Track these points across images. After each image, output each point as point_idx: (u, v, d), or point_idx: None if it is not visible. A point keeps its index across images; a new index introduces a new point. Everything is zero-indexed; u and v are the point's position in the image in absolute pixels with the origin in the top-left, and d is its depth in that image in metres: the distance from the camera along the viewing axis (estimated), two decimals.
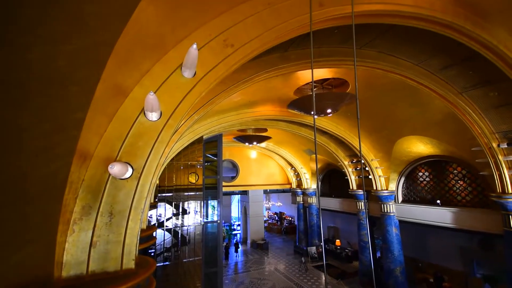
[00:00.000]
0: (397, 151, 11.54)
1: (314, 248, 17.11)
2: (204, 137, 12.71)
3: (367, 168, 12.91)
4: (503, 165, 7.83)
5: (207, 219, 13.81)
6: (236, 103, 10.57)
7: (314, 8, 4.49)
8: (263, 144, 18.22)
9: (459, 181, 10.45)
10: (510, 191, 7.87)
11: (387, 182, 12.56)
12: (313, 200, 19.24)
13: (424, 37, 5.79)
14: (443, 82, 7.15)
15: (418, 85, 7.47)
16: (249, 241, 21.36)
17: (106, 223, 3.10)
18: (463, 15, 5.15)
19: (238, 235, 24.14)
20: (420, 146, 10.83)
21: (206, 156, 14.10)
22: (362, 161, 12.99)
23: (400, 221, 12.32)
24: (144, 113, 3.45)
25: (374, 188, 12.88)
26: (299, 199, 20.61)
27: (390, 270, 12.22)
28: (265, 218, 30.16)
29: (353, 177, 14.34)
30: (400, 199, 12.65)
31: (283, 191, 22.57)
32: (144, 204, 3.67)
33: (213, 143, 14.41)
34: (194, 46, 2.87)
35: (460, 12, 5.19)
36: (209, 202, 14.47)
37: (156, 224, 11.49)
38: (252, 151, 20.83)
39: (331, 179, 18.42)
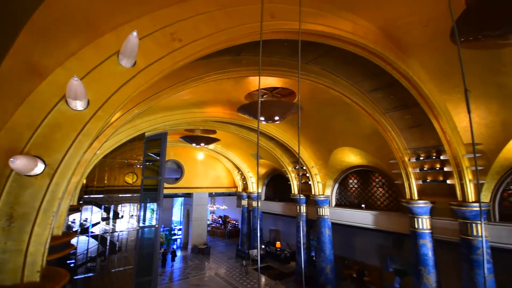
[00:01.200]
0: (333, 160, 12.76)
1: (255, 251, 17.47)
2: (146, 134, 11.73)
3: (307, 174, 13.90)
4: (412, 176, 9.43)
5: (144, 224, 12.72)
6: (184, 101, 10.11)
7: (265, 18, 4.62)
8: (211, 146, 17.87)
9: (379, 188, 12.16)
10: (416, 198, 9.51)
11: (324, 187, 13.74)
12: (256, 203, 19.72)
13: (359, 62, 6.55)
14: (371, 102, 8.24)
15: (352, 103, 8.44)
16: (190, 246, 20.47)
17: (3, 228, 2.55)
18: (388, 47, 6.04)
19: (179, 240, 22.88)
20: (351, 157, 12.23)
21: (147, 155, 13.04)
22: (304, 167, 13.93)
23: (332, 223, 13.59)
24: (66, 101, 2.96)
25: (313, 193, 13.92)
26: (244, 202, 20.84)
27: (322, 268, 13.31)
28: (209, 222, 29.44)
29: (295, 182, 15.23)
30: (334, 203, 13.98)
31: (229, 194, 22.49)
32: (58, 207, 3.12)
33: (156, 142, 13.42)
34: (135, 33, 2.63)
35: (387, 44, 6.07)
36: (147, 205, 13.36)
37: (79, 230, 9.98)
38: (199, 153, 20.21)
39: (276, 184, 19.22)
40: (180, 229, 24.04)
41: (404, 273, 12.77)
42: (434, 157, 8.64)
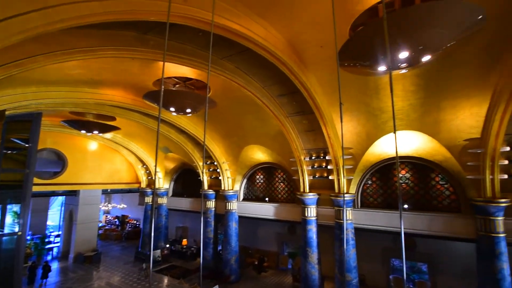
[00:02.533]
0: (244, 156, 13.36)
1: (158, 251, 16.23)
2: (7, 112, 8.78)
3: (218, 170, 13.99)
4: (306, 172, 11.01)
5: (2, 231, 9.63)
6: (71, 76, 8.11)
7: (177, 0, 4.21)
8: (108, 135, 15.25)
9: (281, 183, 13.65)
10: (307, 191, 11.18)
11: (233, 183, 14.20)
12: (164, 200, 18.35)
13: (270, 67, 6.99)
14: (278, 106, 9.05)
15: (262, 104, 9.01)
16: (71, 255, 16.82)
17: None
18: (293, 59, 6.73)
19: (55, 249, 18.41)
20: (260, 154, 13.16)
21: (9, 141, 9.83)
22: (215, 163, 13.93)
23: (239, 217, 14.27)
24: None
25: (222, 188, 14.16)
26: (148, 199, 18.98)
27: (227, 260, 13.79)
28: (101, 224, 25.22)
29: (206, 178, 15.06)
30: (242, 197, 14.70)
31: (130, 191, 19.92)
32: None
33: (24, 124, 10.30)
34: None
35: (292, 56, 6.75)
36: (8, 206, 10.20)
37: None
38: (92, 142, 16.88)
39: (185, 179, 18.45)
40: (58, 236, 19.39)
41: (295, 255, 14.93)
42: (321, 157, 10.39)
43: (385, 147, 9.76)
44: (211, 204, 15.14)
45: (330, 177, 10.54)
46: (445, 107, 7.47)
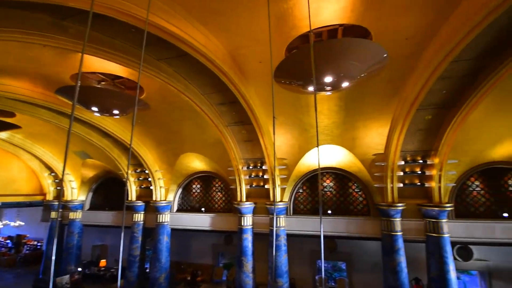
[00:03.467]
0: (180, 164, 12.64)
1: (66, 277, 13.48)
2: None
3: (149, 179, 12.81)
4: (243, 182, 11.15)
5: None
6: None
7: None
8: (3, 135, 12.20)
9: (218, 193, 13.43)
10: (244, 200, 11.30)
11: (166, 193, 13.20)
12: (77, 215, 15.53)
13: (210, 75, 6.88)
14: (217, 114, 8.98)
15: (201, 111, 8.77)
16: None
17: None
18: (233, 69, 6.82)
19: None
20: (197, 162, 12.69)
21: None
22: (146, 171, 12.72)
23: (172, 229, 13.27)
24: None
25: (154, 198, 12.98)
26: (55, 214, 15.79)
27: (155, 279, 12.53)
28: None
29: (134, 188, 13.55)
30: (176, 208, 13.77)
31: (31, 204, 16.18)
32: None
33: None
34: None
35: (232, 67, 6.84)
36: None
37: None
38: None
39: (108, 189, 16.18)
40: None
41: (231, 265, 14.75)
42: (258, 167, 10.73)
43: (314, 159, 10.79)
44: (139, 217, 13.64)
45: (266, 186, 10.94)
46: (359, 127, 8.81)
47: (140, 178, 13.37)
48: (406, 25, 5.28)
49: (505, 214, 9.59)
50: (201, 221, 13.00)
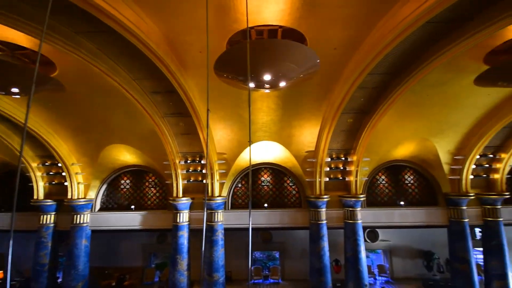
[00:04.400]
0: (105, 157, 11.15)
1: None
2: None
3: (63, 173, 10.88)
4: (180, 177, 10.60)
5: None
6: None
7: None
8: None
9: (151, 188, 12.43)
10: (180, 195, 10.77)
11: (86, 189, 11.47)
12: None
13: (143, 59, 6.19)
14: (152, 104, 8.23)
15: (132, 99, 7.87)
16: None
17: None
18: (170, 57, 6.32)
19: None
20: (127, 155, 11.42)
21: None
22: (59, 164, 10.77)
23: (93, 231, 11.65)
24: None
25: (70, 196, 11.10)
26: None
27: None
28: None
29: (41, 184, 11.29)
30: (98, 207, 12.13)
31: None
32: None
33: None
34: None
35: (169, 54, 6.32)
36: None
37: None
38: None
39: (4, 187, 13.08)
40: None
41: (164, 265, 13.94)
42: (197, 161, 10.38)
43: (253, 154, 11.08)
44: (48, 218, 11.47)
45: (204, 181, 10.69)
46: (295, 125, 9.45)
47: (51, 173, 11.22)
48: (335, 36, 5.86)
49: (402, 203, 11.89)
50: (130, 220, 11.82)
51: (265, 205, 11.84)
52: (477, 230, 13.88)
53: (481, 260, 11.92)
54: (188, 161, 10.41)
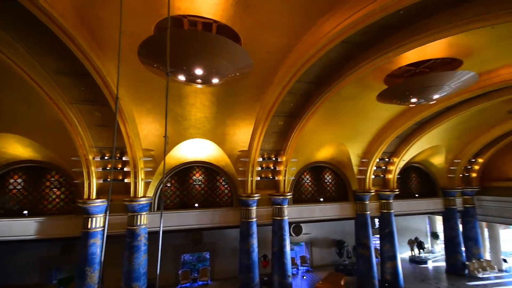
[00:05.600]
0: None
1: None
2: None
3: None
4: (94, 175, 9.12)
5: None
6: None
7: None
8: None
9: (54, 189, 10.30)
10: (94, 197, 9.27)
11: None
12: None
13: (44, 30, 5.00)
14: (57, 87, 6.81)
15: (28, 79, 6.31)
16: None
17: None
18: (81, 35, 5.32)
19: None
20: (18, 148, 9.15)
21: None
22: None
23: None
24: None
25: None
26: None
27: None
28: None
29: None
30: None
31: None
32: None
33: None
34: None
35: (82, 31, 5.32)
36: None
37: None
38: None
39: None
40: None
41: (70, 280, 11.78)
42: (117, 158, 9.14)
43: (185, 152, 10.51)
44: None
45: (126, 180, 9.51)
46: (229, 124, 9.41)
47: None
48: (268, 40, 6.06)
49: (321, 199, 13.34)
50: (23, 228, 9.50)
51: (196, 205, 11.40)
52: (376, 220, 16.86)
53: (379, 245, 14.47)
54: (106, 158, 9.07)
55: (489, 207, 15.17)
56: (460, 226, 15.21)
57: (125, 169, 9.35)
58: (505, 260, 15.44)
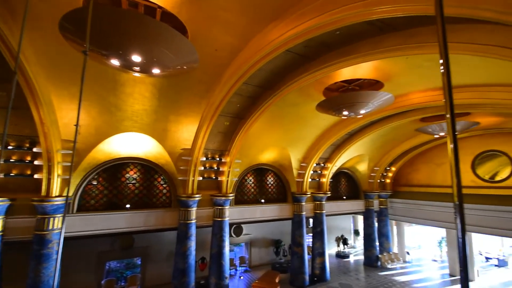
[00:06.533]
0: None
1: None
2: None
3: None
4: None
5: None
6: None
7: None
8: None
9: None
10: None
11: None
12: None
13: None
14: None
15: None
16: None
17: None
18: None
19: None
20: None
21: None
22: None
23: None
24: None
25: None
26: None
27: None
28: None
29: None
30: None
31: None
32: None
33: None
34: None
35: None
36: None
37: None
38: None
39: None
40: None
41: None
42: (26, 148, 7.59)
43: (118, 146, 9.43)
44: None
45: (36, 176, 7.95)
46: (172, 120, 8.86)
47: None
48: (217, 38, 5.94)
49: (263, 200, 13.75)
50: None
51: (127, 205, 10.33)
52: (311, 220, 18.30)
53: (311, 243, 15.70)
54: (10, 147, 7.42)
55: (398, 208, 18.14)
56: (376, 224, 17.75)
57: (36, 162, 7.82)
58: (408, 253, 18.68)
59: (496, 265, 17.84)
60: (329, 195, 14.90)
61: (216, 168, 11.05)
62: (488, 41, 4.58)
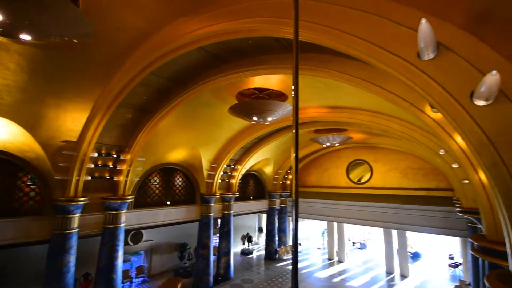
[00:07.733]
0: None
1: None
2: None
3: None
4: None
5: None
6: None
7: None
8: None
9: None
10: None
11: None
12: None
13: None
14: None
15: None
16: None
17: None
18: None
19: None
20: None
21: None
22: None
23: None
24: None
25: None
26: None
27: None
28: None
29: None
30: None
31: None
32: None
33: None
34: None
35: None
36: None
37: None
38: None
39: None
40: None
41: None
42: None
43: None
44: None
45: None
46: (50, 104, 7.03)
47: None
48: (120, 16, 5.16)
49: (168, 202, 12.84)
50: None
51: None
52: (219, 221, 18.49)
53: (217, 243, 15.81)
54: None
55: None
56: (277, 221, 19.76)
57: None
58: (300, 244, 21.67)
59: (359, 248, 23.19)
60: (237, 195, 15.48)
61: (112, 166, 9.51)
62: (356, 74, 5.91)
